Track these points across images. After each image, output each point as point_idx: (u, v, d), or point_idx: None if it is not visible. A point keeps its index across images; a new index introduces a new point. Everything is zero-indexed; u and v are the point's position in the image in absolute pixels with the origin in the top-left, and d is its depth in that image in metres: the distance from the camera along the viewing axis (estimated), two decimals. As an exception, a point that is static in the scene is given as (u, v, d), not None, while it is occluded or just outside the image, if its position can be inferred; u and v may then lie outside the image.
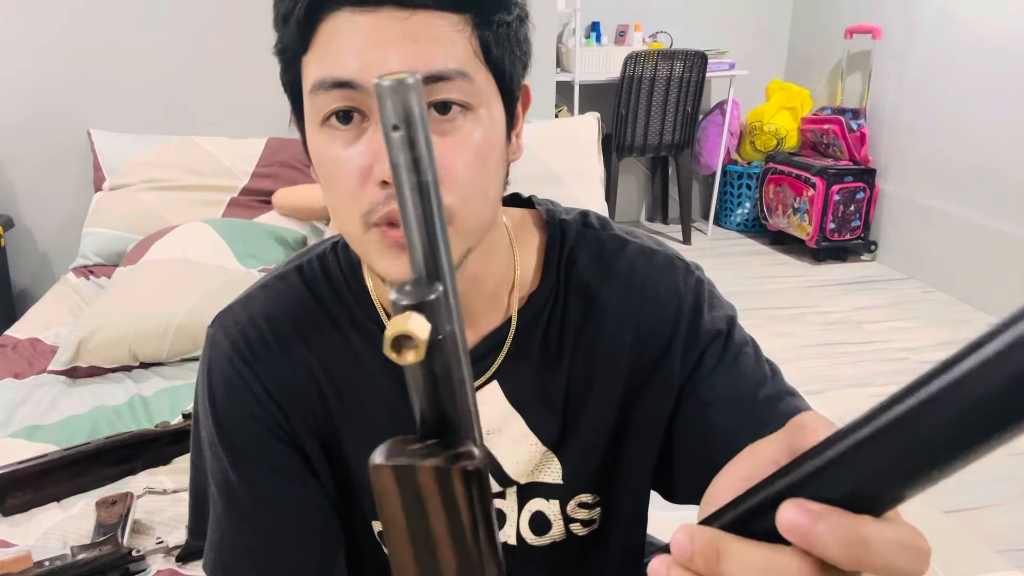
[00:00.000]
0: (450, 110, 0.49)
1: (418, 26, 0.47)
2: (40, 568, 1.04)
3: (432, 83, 0.48)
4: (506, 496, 0.65)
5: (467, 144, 0.50)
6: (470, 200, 0.51)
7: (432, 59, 0.48)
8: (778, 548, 0.25)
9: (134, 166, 2.60)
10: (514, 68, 0.53)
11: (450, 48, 0.48)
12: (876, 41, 3.57)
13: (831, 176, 3.50)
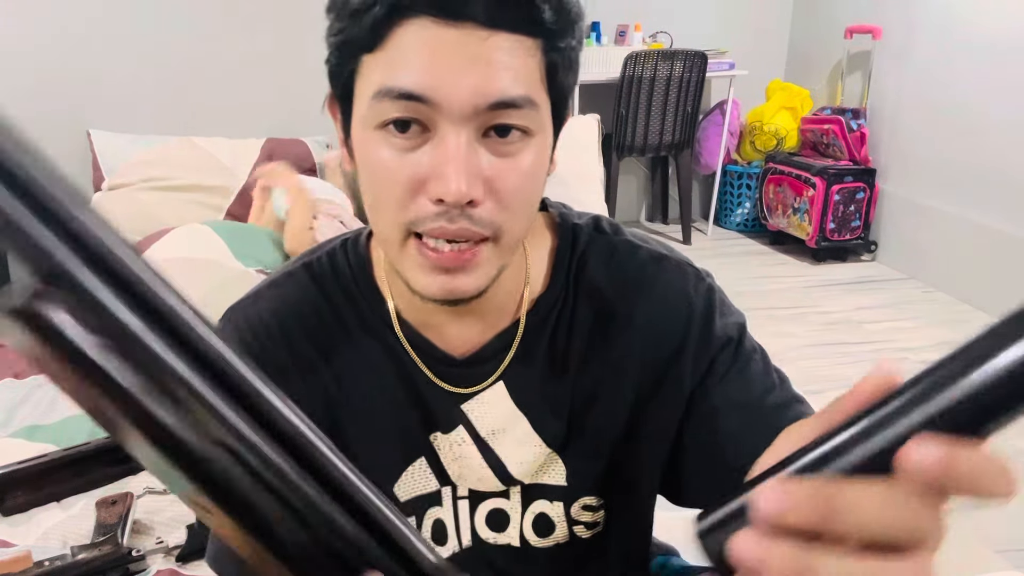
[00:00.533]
0: (510, 134, 0.49)
1: (495, 48, 0.46)
2: (40, 568, 1.04)
3: (500, 108, 0.48)
4: (510, 496, 0.65)
5: (522, 168, 0.50)
6: (517, 220, 0.52)
7: (504, 84, 0.47)
8: (887, 481, 0.25)
9: (133, 166, 2.60)
10: (570, 92, 0.54)
11: (522, 73, 0.48)
12: (876, 41, 3.57)
13: (831, 176, 3.50)
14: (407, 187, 0.49)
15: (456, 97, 0.46)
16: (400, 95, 0.47)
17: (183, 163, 2.62)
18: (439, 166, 0.47)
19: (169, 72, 2.82)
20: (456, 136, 0.47)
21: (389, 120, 0.48)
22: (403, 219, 0.50)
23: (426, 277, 0.51)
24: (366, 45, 0.49)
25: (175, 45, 2.81)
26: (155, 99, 2.82)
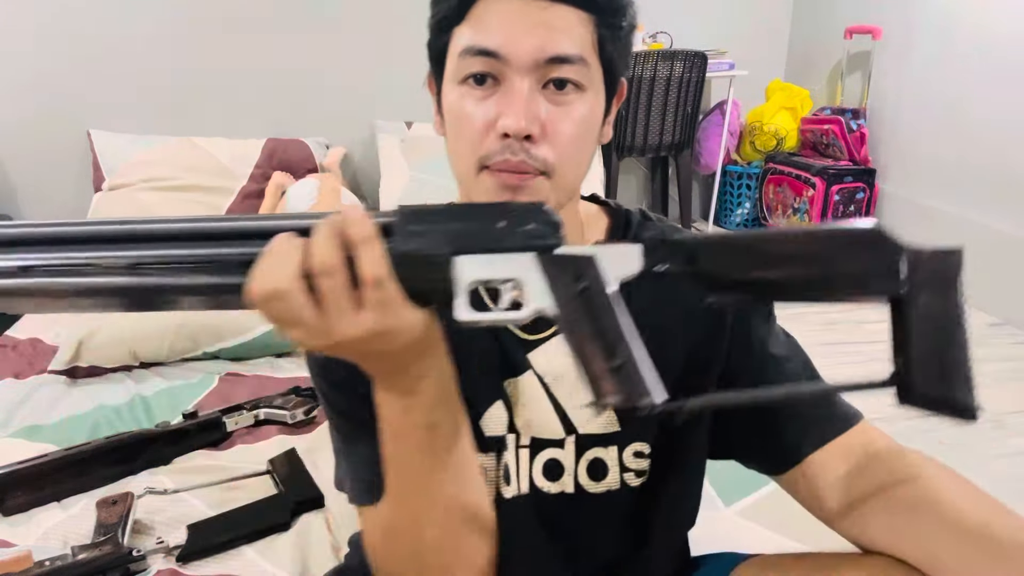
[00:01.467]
0: (566, 87, 0.60)
1: (554, 16, 0.59)
2: (41, 568, 1.04)
3: (557, 64, 0.59)
4: (564, 447, 0.71)
5: (574, 116, 0.61)
6: (568, 160, 0.62)
7: (560, 44, 0.59)
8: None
9: (133, 166, 2.60)
10: (619, 65, 0.64)
11: (575, 38, 0.59)
12: (876, 41, 3.57)
13: (831, 176, 3.50)
14: (480, 127, 0.60)
15: (521, 51, 0.58)
16: (479, 51, 0.59)
17: (183, 163, 2.62)
18: (505, 107, 0.59)
19: (170, 72, 2.82)
20: (520, 83, 0.59)
21: (470, 74, 0.60)
22: (477, 154, 0.61)
23: (497, 197, 0.61)
24: (456, 19, 0.61)
25: (176, 45, 2.80)
26: (155, 99, 2.82)
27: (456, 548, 0.62)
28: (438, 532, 0.61)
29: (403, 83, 3.06)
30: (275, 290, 0.45)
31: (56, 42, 2.68)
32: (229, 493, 1.28)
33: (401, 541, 0.62)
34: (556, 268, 0.49)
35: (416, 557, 0.62)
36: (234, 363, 1.78)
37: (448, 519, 0.60)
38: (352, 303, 0.46)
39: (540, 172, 0.61)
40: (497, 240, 0.49)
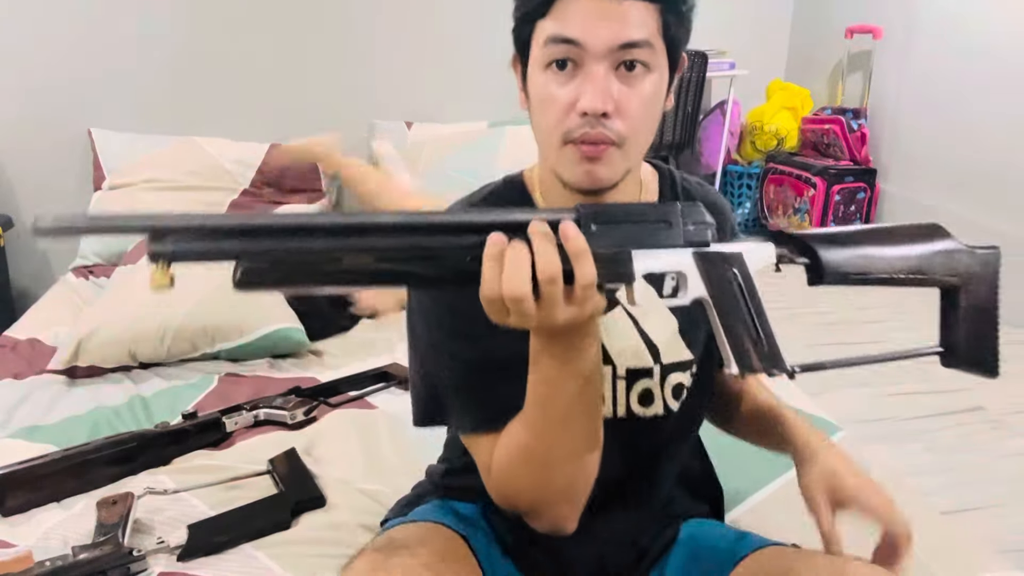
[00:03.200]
0: (635, 68, 0.70)
1: (625, 10, 0.68)
2: (41, 568, 1.04)
3: (628, 48, 0.68)
4: (652, 375, 0.84)
5: (643, 93, 0.70)
6: (637, 132, 0.72)
7: (631, 32, 0.68)
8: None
9: (134, 165, 2.60)
10: (681, 43, 0.74)
11: (643, 26, 0.69)
12: (876, 41, 3.57)
13: (832, 176, 3.50)
14: (563, 106, 0.70)
15: (597, 40, 0.68)
16: (562, 40, 0.69)
17: (184, 163, 2.62)
18: (584, 89, 0.68)
19: (171, 72, 2.82)
20: (596, 68, 0.68)
21: (554, 59, 0.70)
22: (561, 130, 0.71)
23: (576, 168, 0.72)
24: (540, 13, 0.70)
25: (178, 45, 2.80)
26: (157, 98, 2.82)
27: (581, 466, 0.73)
28: (567, 454, 0.71)
29: (403, 83, 3.08)
30: (519, 295, 0.56)
31: (57, 40, 2.68)
32: (229, 493, 1.28)
33: (533, 464, 0.72)
34: (710, 263, 0.61)
35: (544, 475, 0.73)
36: (233, 364, 1.78)
37: (578, 445, 0.71)
38: (565, 300, 0.58)
39: (613, 143, 0.70)
40: (663, 239, 0.61)
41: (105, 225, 0.56)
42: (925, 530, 1.17)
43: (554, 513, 0.75)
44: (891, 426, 2.26)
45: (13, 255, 2.75)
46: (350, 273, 0.55)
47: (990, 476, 2.00)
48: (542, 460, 0.71)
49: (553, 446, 0.70)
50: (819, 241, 0.66)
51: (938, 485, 1.96)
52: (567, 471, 0.72)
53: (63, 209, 2.20)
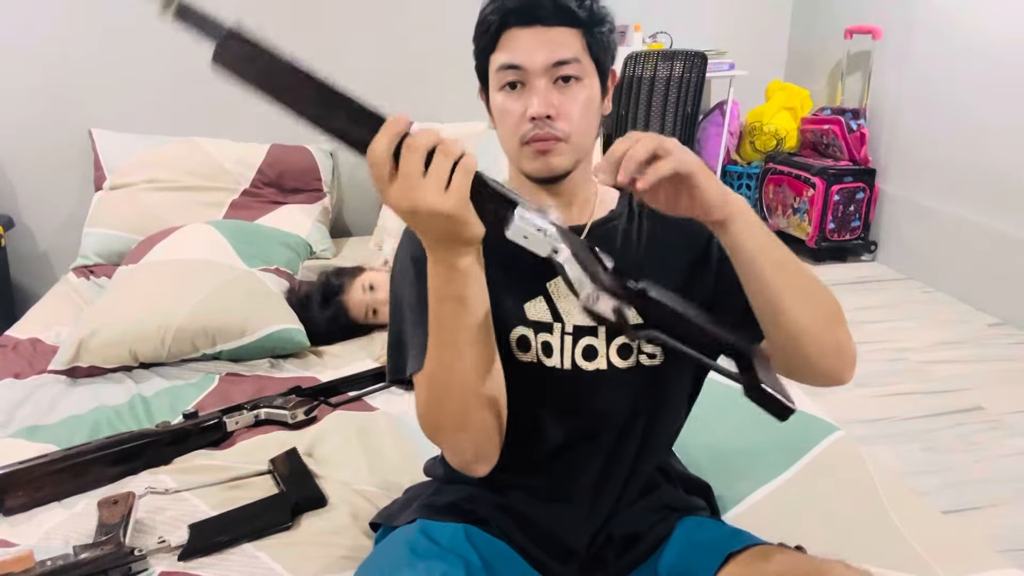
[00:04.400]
0: (569, 81, 0.86)
1: (554, 35, 0.85)
2: (42, 567, 1.04)
3: (560, 65, 0.85)
4: (598, 335, 0.92)
5: (578, 98, 0.86)
6: (578, 128, 0.87)
7: (561, 52, 0.85)
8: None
9: (135, 166, 2.60)
10: (605, 59, 0.90)
11: (570, 47, 0.85)
12: (876, 41, 3.57)
13: (831, 176, 3.50)
14: (518, 116, 0.86)
15: (536, 62, 0.85)
16: (509, 67, 0.86)
17: (185, 164, 2.62)
18: (530, 100, 0.85)
19: (172, 72, 2.81)
20: (538, 83, 0.85)
21: (506, 82, 0.87)
22: (518, 134, 0.87)
23: (533, 162, 0.88)
24: (490, 48, 0.88)
25: (178, 45, 2.80)
26: (158, 99, 2.82)
27: (477, 396, 0.81)
28: (460, 381, 0.80)
29: (403, 83, 3.08)
30: (379, 157, 0.74)
31: (57, 40, 2.68)
32: (230, 492, 1.28)
33: (433, 389, 0.82)
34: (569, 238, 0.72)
35: (441, 401, 0.82)
36: (234, 363, 1.78)
37: (469, 373, 0.80)
38: (440, 182, 0.69)
39: (560, 139, 0.86)
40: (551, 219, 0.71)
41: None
42: (925, 529, 1.18)
43: (453, 442, 0.86)
44: (891, 426, 2.27)
45: (14, 255, 2.75)
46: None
47: (989, 476, 2.01)
48: (439, 384, 0.81)
49: (445, 369, 0.79)
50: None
51: (937, 485, 1.96)
52: (461, 396, 0.80)
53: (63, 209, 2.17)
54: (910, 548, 1.12)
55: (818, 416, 1.51)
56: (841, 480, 1.31)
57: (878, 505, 1.23)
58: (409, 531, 0.94)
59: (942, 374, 2.58)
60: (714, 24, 3.93)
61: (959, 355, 2.72)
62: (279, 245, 2.25)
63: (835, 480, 1.31)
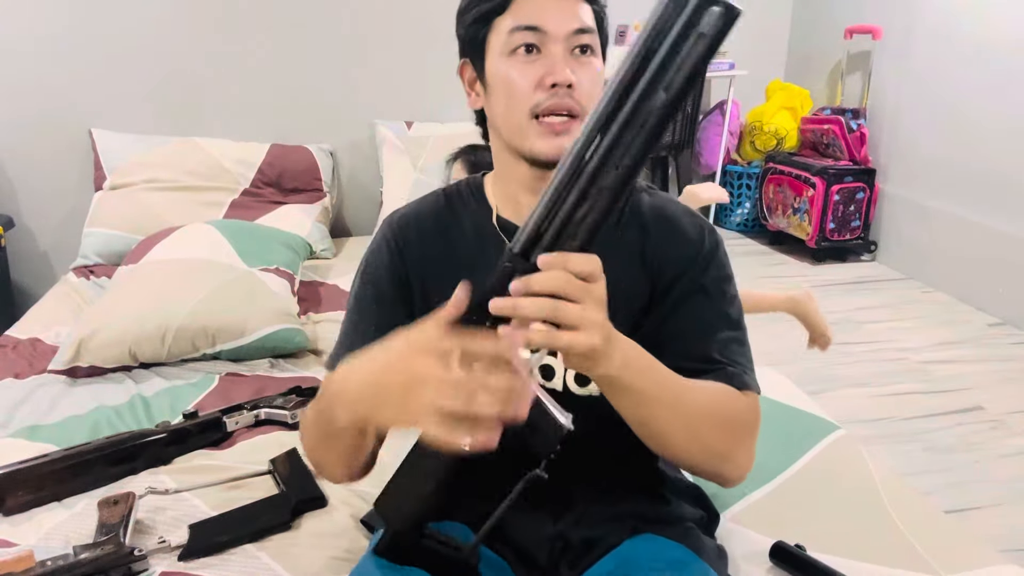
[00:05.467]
0: (586, 51, 0.82)
1: (572, 2, 0.81)
2: (43, 567, 1.04)
3: (580, 33, 0.80)
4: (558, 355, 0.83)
5: (593, 72, 0.82)
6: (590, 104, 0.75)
7: (583, 19, 0.81)
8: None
9: (135, 166, 2.60)
10: (605, 39, 0.86)
11: (589, 15, 0.82)
12: (876, 41, 3.57)
13: (831, 176, 3.50)
14: (532, 83, 0.79)
15: (557, 25, 0.79)
16: (527, 28, 0.79)
17: (185, 164, 2.62)
18: (552, 67, 0.79)
19: (172, 73, 2.81)
20: (557, 50, 0.79)
21: (520, 44, 0.80)
22: (530, 104, 0.80)
23: (544, 141, 0.80)
24: (498, 11, 0.81)
25: (178, 45, 2.80)
26: (158, 99, 2.82)
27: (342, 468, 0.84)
28: (329, 459, 0.84)
29: (403, 83, 3.08)
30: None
31: (58, 40, 2.68)
32: (230, 493, 1.28)
33: (313, 438, 0.85)
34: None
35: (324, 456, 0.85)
36: (234, 363, 1.78)
37: (332, 463, 0.84)
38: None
39: (575, 116, 0.80)
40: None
41: None
42: (925, 527, 1.18)
43: (327, 474, 0.88)
44: (891, 426, 2.26)
45: (14, 255, 2.75)
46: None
47: (989, 476, 2.01)
48: (315, 438, 0.83)
49: (316, 449, 0.84)
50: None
51: (937, 485, 1.96)
52: (335, 459, 0.83)
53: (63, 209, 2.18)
54: (910, 546, 1.12)
55: (819, 415, 1.51)
56: (841, 479, 1.31)
57: (878, 503, 1.23)
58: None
59: (942, 374, 2.58)
60: (714, 24, 3.93)
61: (959, 355, 2.72)
62: (279, 245, 2.25)
63: (835, 479, 1.31)
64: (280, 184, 2.72)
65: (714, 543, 0.97)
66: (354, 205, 3.07)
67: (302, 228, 2.55)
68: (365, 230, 3.02)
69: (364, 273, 0.93)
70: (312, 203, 2.74)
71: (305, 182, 2.77)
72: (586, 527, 0.90)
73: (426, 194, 0.97)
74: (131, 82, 2.78)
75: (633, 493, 0.94)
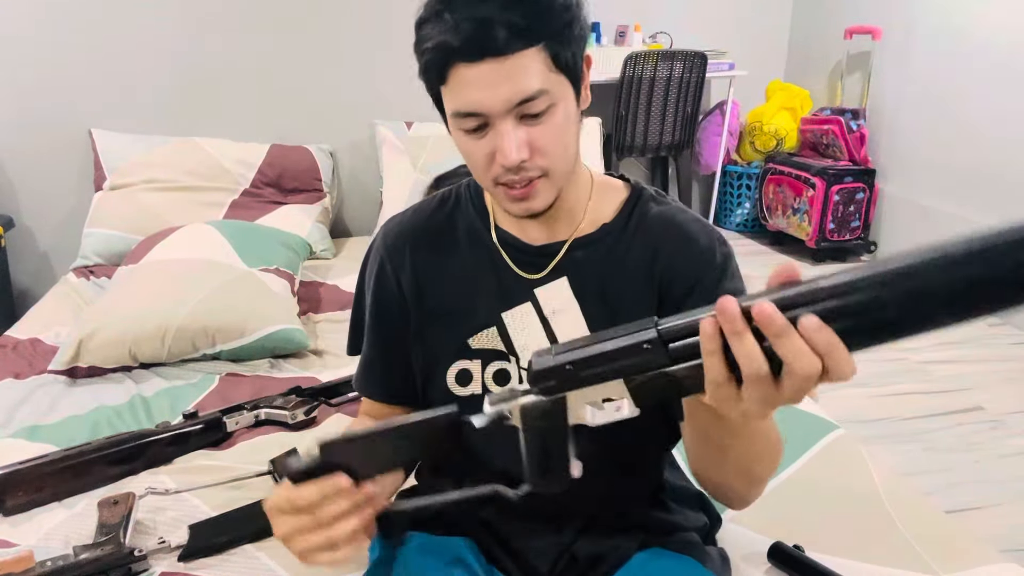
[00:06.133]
0: (539, 115, 0.74)
1: (511, 66, 0.70)
2: (43, 568, 1.04)
3: (526, 102, 0.72)
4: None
5: (552, 129, 0.75)
6: (557, 160, 0.77)
7: (524, 87, 0.71)
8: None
9: (135, 166, 2.60)
10: (576, 57, 0.75)
11: (534, 75, 0.71)
12: (876, 41, 3.57)
13: (831, 176, 3.50)
14: (485, 159, 0.76)
15: (497, 105, 0.72)
16: (466, 115, 0.74)
17: (185, 164, 2.62)
18: (499, 146, 0.74)
19: (172, 73, 2.82)
20: (504, 124, 0.73)
21: (467, 128, 0.75)
22: (489, 177, 0.78)
23: (512, 204, 0.79)
24: (438, 83, 0.75)
25: (178, 45, 2.80)
26: (157, 99, 2.82)
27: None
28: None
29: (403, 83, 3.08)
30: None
31: (58, 40, 2.68)
32: (230, 493, 1.28)
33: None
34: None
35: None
36: (234, 364, 1.78)
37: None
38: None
39: (538, 177, 0.77)
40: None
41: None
42: (924, 526, 1.18)
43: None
44: (890, 426, 2.26)
45: (14, 255, 2.75)
46: None
47: (989, 476, 2.01)
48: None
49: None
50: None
51: (937, 485, 1.96)
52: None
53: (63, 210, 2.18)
54: (910, 546, 1.13)
55: (819, 415, 1.51)
56: (841, 477, 1.31)
57: (878, 503, 1.23)
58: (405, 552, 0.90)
59: (942, 374, 2.58)
60: (714, 24, 3.93)
61: (959, 355, 2.72)
62: (279, 245, 2.25)
63: (835, 478, 1.31)
64: (280, 184, 2.72)
65: (717, 550, 0.96)
66: (354, 205, 3.07)
67: (302, 228, 2.56)
68: (365, 230, 3.02)
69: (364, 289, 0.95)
70: (312, 203, 2.74)
71: (305, 182, 2.77)
72: (592, 540, 0.89)
73: (425, 198, 0.97)
74: (131, 82, 2.78)
75: (638, 502, 0.93)
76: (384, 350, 0.93)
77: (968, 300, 0.45)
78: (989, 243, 0.44)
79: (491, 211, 0.90)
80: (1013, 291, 0.43)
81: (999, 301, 0.44)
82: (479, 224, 0.90)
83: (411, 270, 0.89)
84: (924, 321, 0.46)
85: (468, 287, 0.88)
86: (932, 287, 0.45)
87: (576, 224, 0.87)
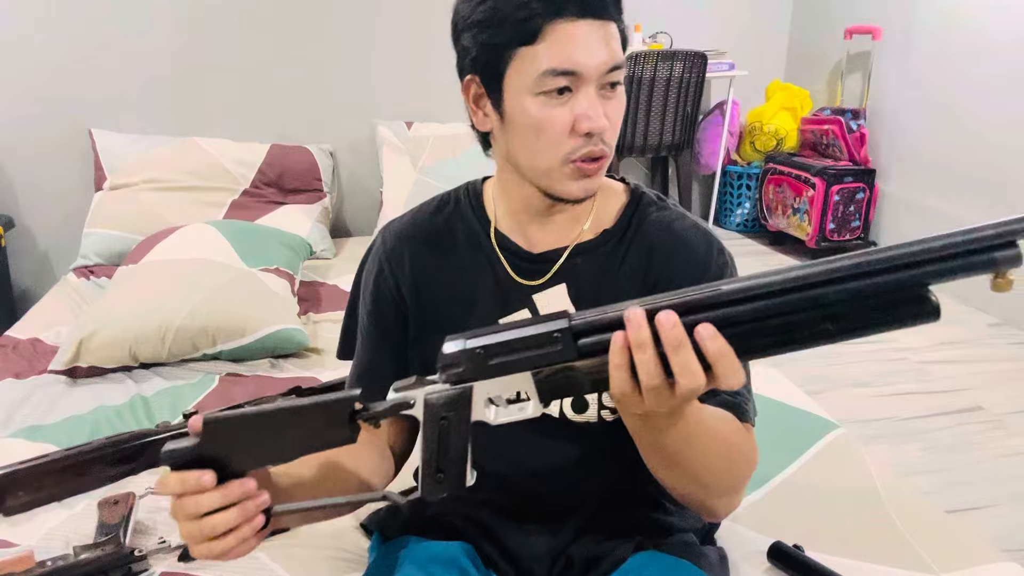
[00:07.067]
0: (616, 87, 0.75)
1: (606, 31, 0.73)
2: (43, 568, 1.04)
3: (614, 71, 0.74)
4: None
5: (619, 106, 0.77)
6: (613, 143, 0.78)
7: (617, 54, 0.74)
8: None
9: (135, 166, 2.60)
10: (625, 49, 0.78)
11: (618, 45, 0.75)
12: (876, 41, 3.57)
13: (831, 176, 3.50)
14: (563, 129, 0.74)
15: (594, 66, 0.72)
16: (563, 72, 0.72)
17: (185, 164, 2.62)
18: (586, 111, 0.73)
19: (172, 73, 2.81)
20: (590, 91, 0.73)
21: (554, 88, 0.73)
22: (563, 151, 0.75)
23: (574, 184, 0.77)
24: (524, 41, 0.72)
25: (178, 45, 2.80)
26: (158, 99, 2.82)
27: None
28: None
29: (403, 83, 3.08)
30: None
31: (58, 40, 2.68)
32: (230, 493, 1.28)
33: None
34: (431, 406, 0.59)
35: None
36: (234, 364, 1.78)
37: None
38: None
39: (607, 156, 0.77)
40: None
41: None
42: (923, 525, 1.18)
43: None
44: (890, 426, 2.26)
45: (14, 255, 2.75)
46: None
47: (989, 476, 2.01)
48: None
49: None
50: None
51: (937, 485, 1.96)
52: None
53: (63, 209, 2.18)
54: (909, 546, 1.13)
55: (819, 415, 1.51)
56: (840, 477, 1.31)
57: (877, 503, 1.23)
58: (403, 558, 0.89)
59: (942, 374, 2.58)
60: (714, 24, 3.93)
61: (959, 355, 2.72)
62: (279, 245, 2.25)
63: (834, 477, 1.31)
64: (280, 184, 2.72)
65: (715, 550, 0.96)
66: (354, 205, 3.08)
67: (302, 228, 2.56)
68: (365, 230, 3.02)
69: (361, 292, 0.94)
70: (312, 203, 2.74)
71: (305, 182, 2.77)
72: (589, 543, 0.88)
73: (425, 201, 0.96)
74: (131, 82, 2.78)
75: (634, 504, 0.92)
76: (379, 354, 0.91)
77: (852, 316, 0.45)
78: (875, 261, 0.45)
79: (491, 216, 0.90)
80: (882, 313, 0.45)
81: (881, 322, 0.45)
82: (478, 228, 0.89)
83: (410, 274, 0.89)
84: (813, 334, 0.47)
85: (466, 292, 0.87)
86: (824, 300, 0.45)
87: (579, 228, 0.86)
